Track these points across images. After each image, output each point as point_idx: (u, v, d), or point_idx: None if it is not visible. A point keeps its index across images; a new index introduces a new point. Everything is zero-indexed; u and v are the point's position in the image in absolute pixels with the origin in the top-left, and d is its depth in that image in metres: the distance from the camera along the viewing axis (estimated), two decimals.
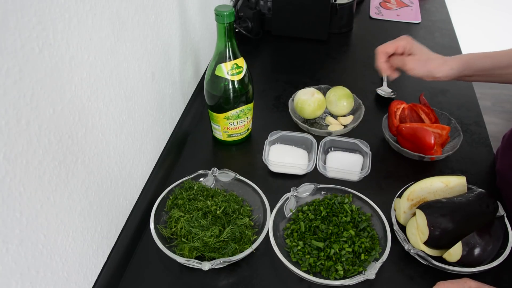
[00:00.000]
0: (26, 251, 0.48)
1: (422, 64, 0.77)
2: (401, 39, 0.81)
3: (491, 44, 2.59)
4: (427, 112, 0.93)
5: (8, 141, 0.44)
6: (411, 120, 0.93)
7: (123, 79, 0.67)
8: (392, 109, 0.92)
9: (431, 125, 0.89)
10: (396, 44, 0.80)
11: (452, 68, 0.76)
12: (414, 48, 0.79)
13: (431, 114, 0.93)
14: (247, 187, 0.80)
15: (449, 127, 0.88)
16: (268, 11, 1.32)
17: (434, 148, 0.85)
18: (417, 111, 0.94)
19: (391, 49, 0.81)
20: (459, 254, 0.66)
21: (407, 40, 0.80)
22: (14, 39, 0.43)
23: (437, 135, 0.87)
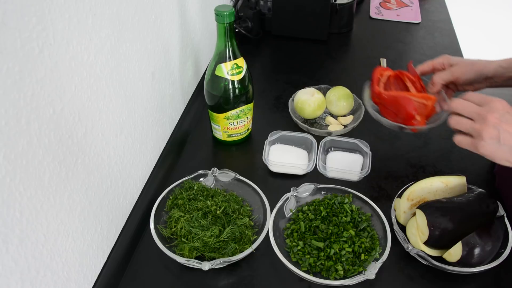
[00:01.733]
0: (26, 251, 0.48)
1: (469, 68, 0.75)
2: (437, 58, 0.80)
3: (492, 44, 2.59)
4: (414, 80, 0.85)
5: (8, 141, 0.44)
6: (396, 89, 0.86)
7: (123, 79, 0.67)
8: (375, 76, 0.85)
9: (416, 94, 0.81)
10: (432, 62, 0.80)
11: (501, 65, 0.74)
12: (453, 60, 0.78)
13: (417, 83, 0.85)
14: (247, 187, 0.80)
15: (435, 97, 0.80)
16: (268, 11, 1.32)
17: (416, 119, 0.79)
18: (403, 79, 0.86)
19: (427, 67, 0.80)
20: (459, 254, 0.66)
21: (443, 56, 0.80)
22: (14, 39, 0.43)
23: (422, 106, 0.80)
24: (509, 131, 0.56)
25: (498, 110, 0.57)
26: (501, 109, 0.57)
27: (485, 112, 0.58)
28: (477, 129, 0.58)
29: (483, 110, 0.58)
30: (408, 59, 1.26)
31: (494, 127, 0.57)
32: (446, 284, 0.70)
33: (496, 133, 0.56)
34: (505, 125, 0.56)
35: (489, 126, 0.57)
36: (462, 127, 0.60)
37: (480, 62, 0.76)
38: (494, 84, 0.77)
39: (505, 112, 0.57)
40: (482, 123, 0.58)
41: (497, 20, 2.54)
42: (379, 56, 1.25)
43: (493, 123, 0.57)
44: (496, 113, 0.57)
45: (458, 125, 0.61)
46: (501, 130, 0.56)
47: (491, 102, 0.59)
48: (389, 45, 1.32)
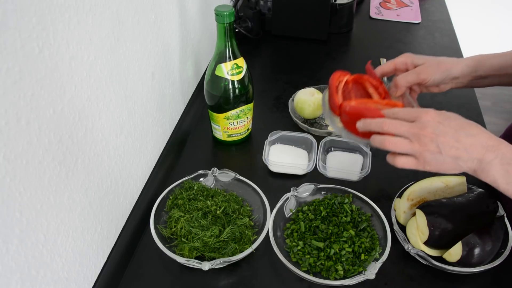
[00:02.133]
0: (26, 251, 0.48)
1: (435, 68, 0.71)
2: (399, 56, 0.74)
3: (492, 44, 2.59)
4: (376, 85, 0.75)
5: (8, 141, 0.44)
6: (356, 95, 0.75)
7: (123, 79, 0.67)
8: (333, 83, 0.73)
9: (381, 101, 0.71)
10: (394, 62, 0.74)
11: (467, 65, 0.72)
12: (416, 59, 0.73)
13: (380, 88, 0.75)
14: (247, 187, 0.80)
15: (402, 104, 0.71)
16: (268, 11, 1.32)
17: None
18: (363, 84, 0.76)
19: (388, 68, 0.74)
20: (459, 254, 0.66)
21: (405, 55, 0.74)
22: (14, 39, 0.43)
23: None
24: (447, 143, 0.55)
25: (430, 123, 0.56)
26: (432, 121, 0.56)
27: (419, 129, 0.56)
28: (417, 149, 0.56)
29: (416, 127, 0.56)
30: None
31: (432, 141, 0.55)
32: (446, 284, 0.70)
33: (436, 148, 0.55)
34: (442, 138, 0.55)
35: (427, 143, 0.55)
36: (401, 149, 0.58)
37: (446, 61, 0.72)
38: (460, 84, 0.74)
39: (437, 123, 0.56)
40: (420, 142, 0.56)
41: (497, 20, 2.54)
42: (379, 56, 1.25)
43: (430, 138, 0.55)
44: (429, 128, 0.56)
45: (397, 148, 0.58)
46: (440, 143, 0.55)
47: (421, 116, 0.57)
48: (389, 45, 1.32)
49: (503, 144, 0.55)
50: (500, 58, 0.73)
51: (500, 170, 0.54)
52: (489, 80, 0.75)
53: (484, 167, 0.55)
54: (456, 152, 0.55)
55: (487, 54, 0.75)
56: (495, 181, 0.55)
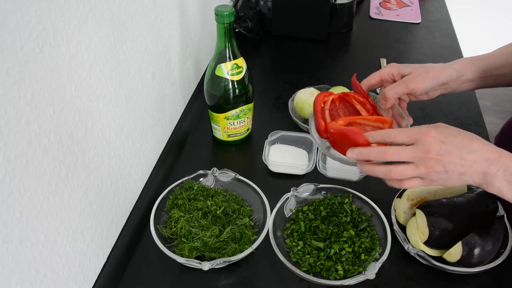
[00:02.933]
0: (26, 251, 0.48)
1: (424, 77, 0.69)
2: (384, 67, 0.72)
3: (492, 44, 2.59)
4: (362, 101, 0.72)
5: (8, 141, 0.44)
6: (345, 113, 0.72)
7: (123, 79, 0.67)
8: (317, 106, 0.70)
9: (369, 117, 0.69)
10: (379, 73, 0.72)
11: (456, 69, 0.71)
12: (403, 69, 0.71)
13: (367, 104, 0.72)
14: (247, 187, 0.80)
15: (391, 120, 0.68)
16: (268, 11, 1.32)
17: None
18: (349, 100, 0.73)
19: (375, 80, 0.72)
20: (459, 254, 0.66)
21: (391, 65, 0.72)
22: (14, 39, 0.43)
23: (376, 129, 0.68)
24: (453, 162, 0.55)
25: (433, 145, 0.56)
26: (435, 142, 0.56)
27: (424, 153, 0.56)
28: (423, 172, 0.57)
29: (420, 151, 0.56)
30: (408, 59, 1.27)
31: (438, 163, 0.55)
32: (446, 284, 0.70)
33: (443, 168, 0.56)
34: (447, 158, 0.55)
35: (434, 165, 0.56)
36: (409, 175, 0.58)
37: (434, 68, 0.71)
38: (449, 89, 0.73)
39: (440, 144, 0.56)
40: (427, 165, 0.56)
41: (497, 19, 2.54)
42: (379, 56, 1.25)
43: (436, 160, 0.55)
44: (433, 150, 0.55)
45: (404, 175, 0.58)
46: (446, 163, 0.55)
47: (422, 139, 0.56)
48: (389, 45, 1.32)
49: (505, 155, 0.56)
50: (485, 61, 0.73)
51: (504, 181, 0.55)
52: (476, 83, 0.74)
53: (489, 180, 0.56)
54: (462, 169, 0.56)
55: (472, 57, 0.74)
56: (501, 192, 0.56)
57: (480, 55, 0.74)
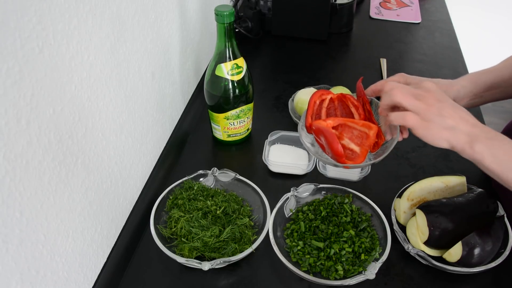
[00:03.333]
0: (26, 251, 0.48)
1: None
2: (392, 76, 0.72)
3: (492, 45, 2.59)
4: (357, 105, 0.72)
5: (8, 141, 0.44)
6: (342, 114, 0.73)
7: (123, 79, 0.67)
8: (311, 101, 0.71)
9: (358, 122, 0.69)
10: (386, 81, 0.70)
11: (463, 85, 0.71)
12: (411, 80, 0.71)
13: (360, 108, 0.72)
14: (247, 187, 0.80)
15: (377, 127, 0.68)
16: (268, 11, 1.32)
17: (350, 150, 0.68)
18: (346, 103, 0.73)
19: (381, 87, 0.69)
20: (459, 254, 0.66)
21: (399, 75, 0.72)
22: (14, 39, 0.43)
23: (363, 135, 0.68)
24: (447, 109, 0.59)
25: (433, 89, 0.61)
26: (434, 89, 0.61)
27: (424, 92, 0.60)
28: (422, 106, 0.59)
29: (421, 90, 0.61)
30: (408, 59, 1.27)
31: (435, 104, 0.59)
32: (446, 284, 0.70)
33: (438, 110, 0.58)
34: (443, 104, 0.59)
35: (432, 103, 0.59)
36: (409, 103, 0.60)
37: (441, 83, 0.71)
38: None
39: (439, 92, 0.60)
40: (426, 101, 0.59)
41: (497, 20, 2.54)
42: (379, 56, 1.25)
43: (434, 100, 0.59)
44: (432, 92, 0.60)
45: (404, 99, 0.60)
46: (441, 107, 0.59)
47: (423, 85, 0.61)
48: (389, 45, 1.32)
49: (485, 125, 0.59)
50: (491, 74, 0.73)
51: (486, 144, 0.57)
52: (484, 97, 0.74)
53: (472, 140, 0.57)
54: (454, 121, 0.58)
55: (478, 72, 0.74)
56: (482, 155, 0.57)
57: (486, 69, 0.74)
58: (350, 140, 0.69)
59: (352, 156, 0.68)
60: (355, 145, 0.69)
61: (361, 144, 0.68)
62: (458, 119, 0.58)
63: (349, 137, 0.69)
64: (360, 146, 0.68)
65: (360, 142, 0.69)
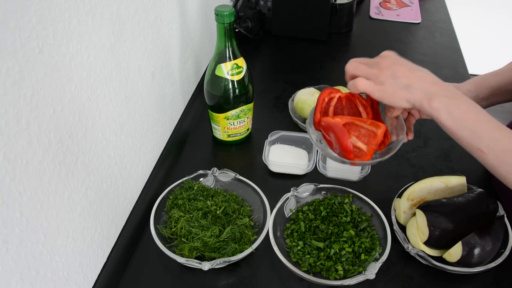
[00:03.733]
0: (26, 251, 0.48)
1: None
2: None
3: (491, 45, 2.59)
4: (365, 104, 0.72)
5: (8, 141, 0.44)
6: (349, 113, 0.73)
7: (123, 79, 0.67)
8: (320, 98, 0.72)
9: (365, 120, 0.69)
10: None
11: (469, 90, 0.72)
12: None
13: (369, 108, 0.72)
14: (247, 187, 0.80)
15: (384, 125, 0.68)
16: (268, 11, 1.32)
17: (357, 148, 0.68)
18: (354, 102, 0.73)
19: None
20: (459, 254, 0.66)
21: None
22: (14, 39, 0.43)
23: (371, 134, 0.68)
24: (402, 71, 0.60)
25: (389, 56, 0.63)
26: (391, 55, 0.63)
27: (380, 59, 0.63)
28: (375, 72, 0.61)
29: (378, 58, 0.64)
30: (408, 59, 1.26)
31: (389, 68, 0.61)
32: (446, 284, 0.70)
33: (392, 73, 0.60)
34: (398, 66, 0.61)
35: (384, 68, 0.61)
36: (361, 71, 0.63)
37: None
38: None
39: (396, 57, 0.63)
40: (379, 67, 0.62)
41: (497, 20, 2.54)
42: None
43: (388, 66, 0.61)
44: (388, 58, 0.62)
45: (357, 70, 0.64)
46: (395, 70, 0.60)
47: (382, 54, 0.64)
48: (389, 45, 1.32)
49: (447, 84, 0.60)
50: (497, 77, 0.73)
51: (443, 101, 0.57)
52: (490, 100, 0.74)
53: (430, 97, 0.58)
54: (409, 80, 0.60)
55: (484, 75, 0.74)
56: (438, 111, 0.57)
57: (492, 72, 0.74)
58: (357, 139, 0.69)
59: (359, 154, 0.68)
60: (362, 143, 0.68)
61: (368, 143, 0.69)
62: (414, 78, 0.60)
63: (356, 135, 0.69)
64: (367, 144, 0.68)
65: (367, 140, 0.69)
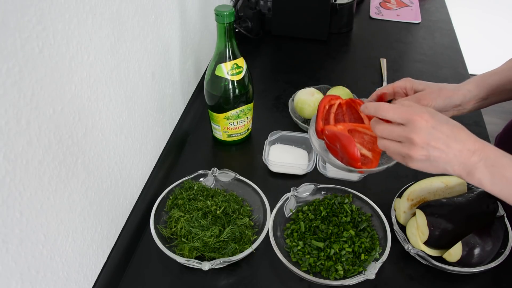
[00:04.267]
0: (26, 251, 0.48)
1: (436, 95, 0.68)
2: (399, 80, 0.72)
3: (491, 44, 2.59)
4: None
5: (8, 141, 0.44)
6: (350, 119, 0.73)
7: (123, 79, 0.67)
8: (321, 106, 0.71)
9: (367, 126, 0.69)
10: (393, 85, 0.71)
11: (469, 90, 0.71)
12: (417, 85, 0.70)
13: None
14: (247, 187, 0.80)
15: None
16: (268, 11, 1.32)
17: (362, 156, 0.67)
18: (355, 107, 0.73)
19: (387, 91, 0.71)
20: (459, 254, 0.66)
21: (405, 80, 0.71)
22: (14, 39, 0.43)
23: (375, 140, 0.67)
24: (438, 148, 0.55)
25: (422, 128, 0.55)
26: (425, 126, 0.55)
27: (411, 133, 0.56)
28: (405, 152, 0.57)
29: (408, 131, 0.56)
30: (408, 59, 1.27)
31: (422, 148, 0.55)
32: (446, 284, 0.70)
33: (426, 152, 0.56)
34: (433, 143, 0.55)
35: (417, 147, 0.55)
36: (391, 151, 0.59)
37: (447, 88, 0.70)
38: (462, 110, 0.72)
39: (430, 128, 0.55)
40: (410, 146, 0.56)
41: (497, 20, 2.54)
42: (379, 56, 1.25)
43: (421, 144, 0.55)
44: (421, 133, 0.55)
45: (387, 149, 0.59)
46: (430, 149, 0.55)
47: (414, 120, 0.56)
48: (389, 45, 1.32)
49: (487, 146, 0.56)
50: (496, 76, 0.72)
51: (485, 172, 0.55)
52: (489, 100, 0.73)
53: (470, 170, 0.56)
54: (447, 157, 0.56)
55: (483, 74, 0.73)
56: (481, 183, 0.56)
57: (491, 71, 0.73)
58: (361, 145, 0.68)
59: (365, 161, 0.67)
60: (366, 150, 0.68)
61: (373, 149, 0.68)
62: (451, 154, 0.55)
63: (360, 142, 0.68)
64: (371, 151, 0.68)
65: (371, 147, 0.68)
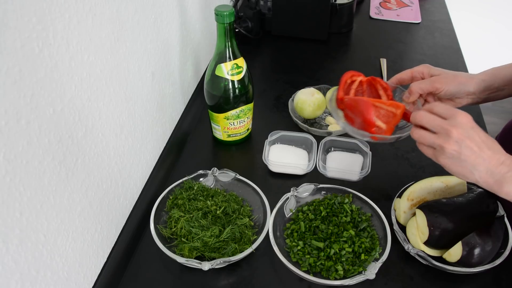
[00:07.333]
0: (26, 251, 0.48)
1: (451, 80, 0.71)
2: (417, 66, 0.76)
3: (491, 44, 2.59)
4: (386, 87, 0.77)
5: (8, 141, 0.44)
6: (369, 96, 0.78)
7: (123, 79, 0.67)
8: (343, 80, 0.77)
9: (385, 102, 0.73)
10: (411, 70, 0.75)
11: (483, 79, 0.72)
12: (434, 70, 0.74)
13: (389, 90, 0.77)
14: (247, 187, 0.80)
15: (403, 105, 0.72)
16: (268, 11, 1.32)
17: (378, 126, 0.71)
18: (375, 85, 0.78)
19: (406, 76, 0.76)
20: (459, 254, 0.66)
21: (424, 65, 0.75)
22: (14, 39, 0.43)
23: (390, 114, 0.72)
24: (471, 148, 0.56)
25: (463, 125, 0.56)
26: (466, 124, 0.56)
27: (450, 126, 0.56)
28: (439, 143, 0.57)
29: (448, 124, 0.57)
30: (408, 59, 1.26)
31: (457, 142, 0.56)
32: (446, 284, 0.70)
33: (458, 148, 0.56)
34: (468, 141, 0.56)
35: (452, 141, 0.56)
36: (425, 141, 0.60)
37: (462, 75, 0.73)
38: (477, 99, 0.74)
39: (470, 128, 0.56)
40: (445, 137, 0.57)
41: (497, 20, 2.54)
42: (379, 56, 1.25)
43: (457, 138, 0.56)
44: (460, 129, 0.56)
45: (421, 139, 0.60)
46: (463, 146, 0.56)
47: (457, 116, 0.57)
48: (389, 45, 1.32)
49: None
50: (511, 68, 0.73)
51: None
52: (505, 91, 0.74)
53: (498, 179, 0.56)
54: (476, 159, 0.56)
55: (499, 66, 0.75)
56: (509, 194, 0.56)
57: (507, 64, 0.74)
58: (377, 118, 0.71)
59: (379, 132, 0.71)
60: (381, 122, 0.71)
61: (388, 122, 0.71)
62: (480, 158, 0.56)
63: (376, 115, 0.71)
64: (386, 123, 0.71)
65: (387, 120, 0.71)
